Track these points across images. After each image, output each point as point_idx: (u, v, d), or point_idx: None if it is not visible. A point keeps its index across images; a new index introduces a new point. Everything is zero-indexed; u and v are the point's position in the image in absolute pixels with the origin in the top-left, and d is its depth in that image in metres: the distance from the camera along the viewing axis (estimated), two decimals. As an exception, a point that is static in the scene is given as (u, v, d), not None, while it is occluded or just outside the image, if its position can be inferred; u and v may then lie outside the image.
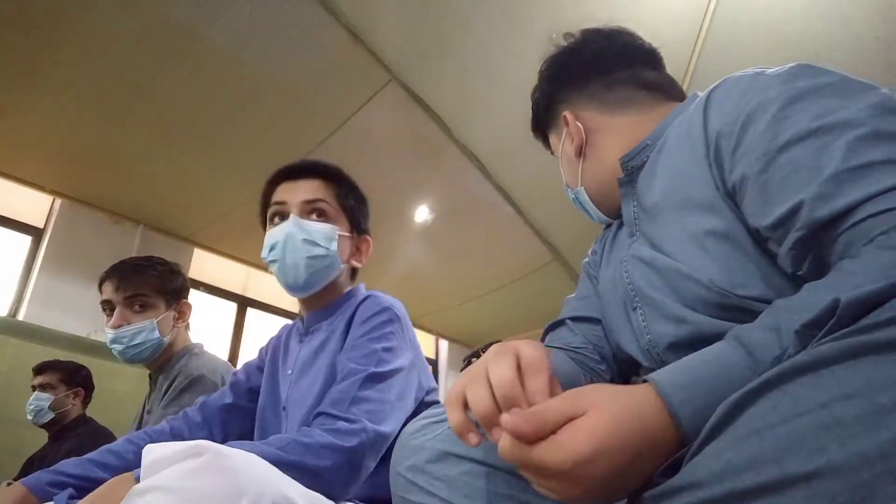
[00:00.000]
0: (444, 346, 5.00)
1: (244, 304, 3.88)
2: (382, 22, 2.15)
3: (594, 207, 0.77)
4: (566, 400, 0.38)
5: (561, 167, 0.81)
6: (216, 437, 1.02)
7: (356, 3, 2.07)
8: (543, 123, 0.83)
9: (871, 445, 0.25)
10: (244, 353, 3.76)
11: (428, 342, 4.95)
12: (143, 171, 2.84)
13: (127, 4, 2.00)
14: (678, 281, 0.56)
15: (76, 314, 2.83)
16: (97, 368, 2.36)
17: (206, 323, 3.55)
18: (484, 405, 0.41)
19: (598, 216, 0.78)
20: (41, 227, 3.05)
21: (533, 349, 0.43)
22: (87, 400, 2.27)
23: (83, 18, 2.04)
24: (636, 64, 0.74)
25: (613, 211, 0.75)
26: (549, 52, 0.80)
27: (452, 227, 3.39)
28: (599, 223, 0.81)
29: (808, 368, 0.29)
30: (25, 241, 3.00)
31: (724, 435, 0.32)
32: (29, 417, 2.12)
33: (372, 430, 0.79)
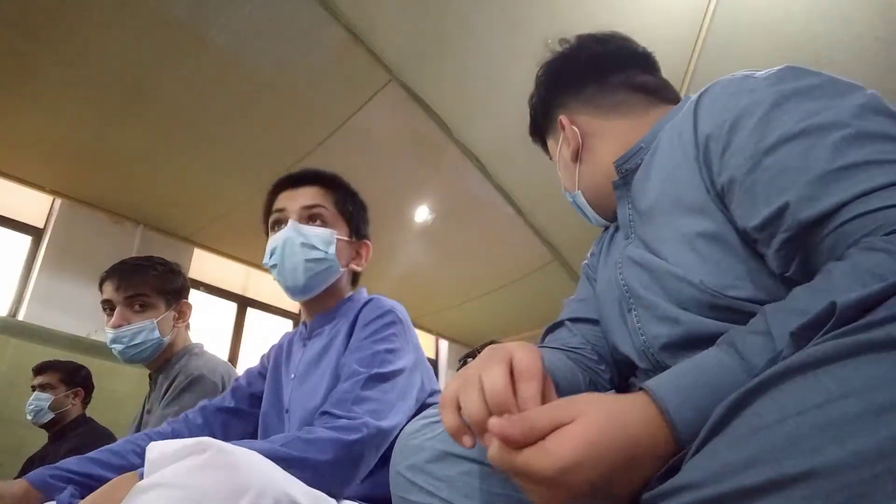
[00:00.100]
0: (444, 346, 5.00)
1: (244, 304, 3.89)
2: (382, 22, 2.15)
3: (591, 210, 0.78)
4: (556, 407, 0.38)
5: (559, 171, 0.82)
6: (217, 439, 1.02)
7: (356, 3, 2.07)
8: (541, 128, 0.84)
9: (868, 444, 0.25)
10: (244, 353, 3.77)
11: (428, 342, 4.95)
12: (143, 171, 2.84)
13: (127, 4, 2.00)
14: (670, 282, 0.57)
15: (76, 314, 2.83)
16: (97, 368, 2.36)
17: (206, 323, 3.55)
18: (476, 411, 0.41)
19: (595, 219, 0.79)
20: (41, 227, 3.05)
21: (526, 354, 0.43)
22: (87, 400, 2.28)
23: (83, 18, 2.04)
24: (631, 68, 0.75)
25: (610, 214, 0.76)
26: (544, 57, 0.81)
27: (452, 227, 3.39)
28: (597, 226, 0.81)
29: (805, 368, 0.29)
30: (25, 241, 3.00)
31: (722, 435, 0.32)
32: (29, 417, 2.12)
33: (374, 425, 0.80)
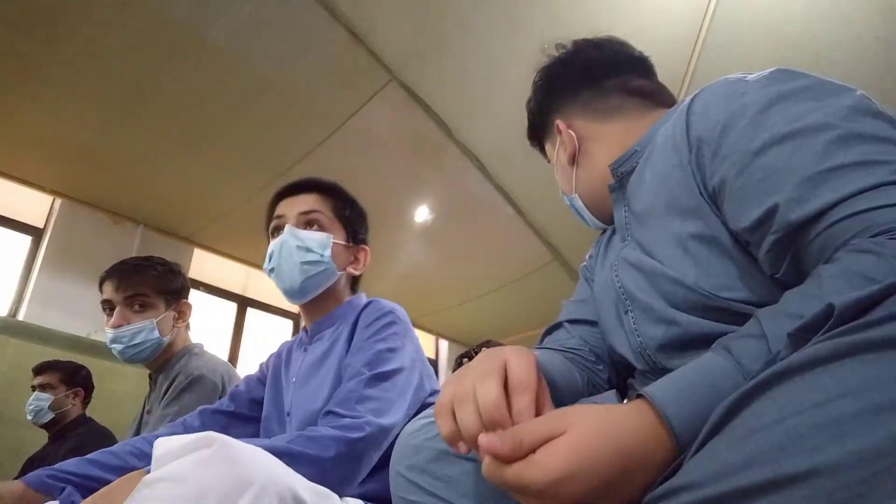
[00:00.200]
0: (444, 346, 5.00)
1: (244, 304, 3.89)
2: (382, 22, 2.15)
3: (589, 213, 0.78)
4: (547, 420, 0.39)
5: (556, 175, 0.82)
6: None
7: (356, 3, 2.07)
8: (539, 132, 0.84)
9: (867, 444, 0.25)
10: (244, 353, 3.77)
11: (428, 342, 4.95)
12: (143, 171, 2.84)
13: (127, 4, 2.00)
14: (665, 284, 0.57)
15: (76, 314, 2.83)
16: (97, 368, 2.36)
17: (206, 323, 3.55)
18: (471, 425, 0.42)
19: (593, 222, 0.79)
20: (41, 227, 3.05)
21: (521, 363, 0.44)
22: (87, 400, 2.28)
23: (83, 18, 2.04)
24: (626, 72, 0.75)
25: (607, 216, 0.76)
26: (541, 62, 0.81)
27: (452, 227, 3.39)
28: (595, 229, 0.82)
29: (803, 368, 0.29)
30: (25, 241, 3.00)
31: (721, 435, 0.32)
32: (29, 417, 2.12)
33: (376, 424, 0.82)
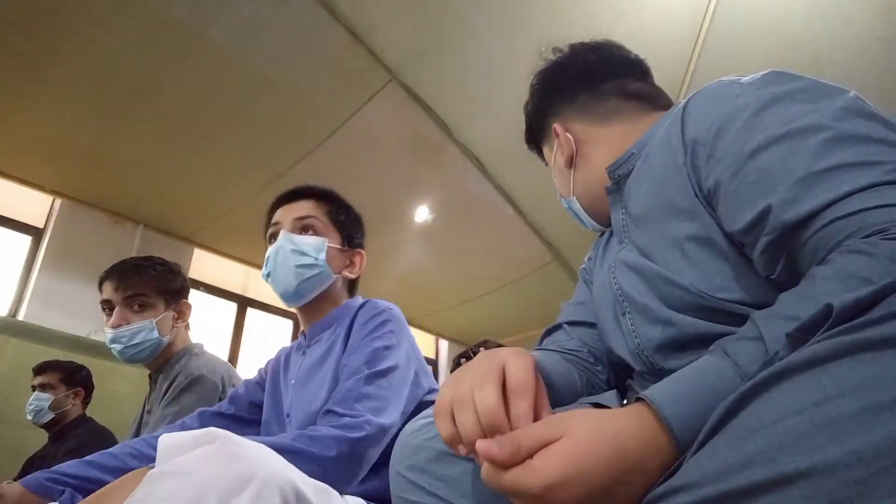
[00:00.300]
0: (444, 346, 5.00)
1: (244, 304, 3.89)
2: (382, 22, 2.15)
3: (586, 216, 0.79)
4: (545, 425, 0.39)
5: (554, 178, 0.83)
6: None
7: (356, 3, 2.07)
8: (536, 136, 0.85)
9: (866, 443, 0.25)
10: (244, 353, 3.77)
11: (428, 342, 4.95)
12: (143, 171, 2.84)
13: (127, 4, 2.00)
14: (662, 285, 0.58)
15: (76, 314, 2.83)
16: (97, 368, 2.36)
17: (206, 323, 3.55)
18: (471, 430, 0.42)
19: (591, 224, 0.80)
20: (41, 227, 3.05)
21: (519, 367, 0.44)
22: (87, 400, 2.28)
23: (83, 18, 2.04)
24: (623, 75, 0.76)
25: (605, 219, 0.76)
26: (538, 66, 0.82)
27: (452, 227, 3.40)
28: (593, 231, 0.82)
29: (802, 368, 0.29)
30: (25, 241, 3.00)
31: (720, 435, 0.32)
32: (29, 417, 2.12)
33: (375, 423, 0.83)
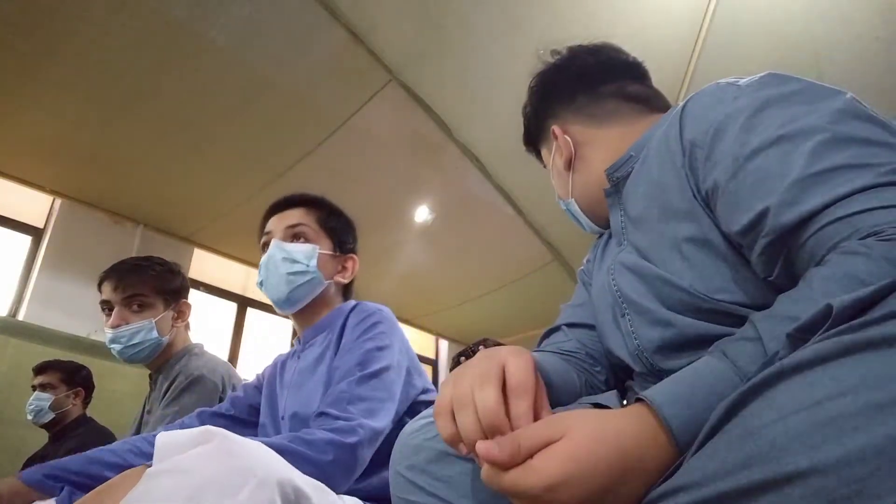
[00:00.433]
0: (444, 346, 5.00)
1: (244, 304, 3.89)
2: (382, 22, 2.15)
3: (585, 218, 0.79)
4: (545, 425, 0.39)
5: (552, 179, 0.83)
6: None
7: (356, 3, 2.07)
8: (534, 138, 0.85)
9: (866, 442, 0.25)
10: (244, 353, 3.77)
11: (428, 342, 4.95)
12: (143, 171, 2.84)
13: (127, 4, 2.00)
14: (661, 287, 0.58)
15: (76, 314, 2.83)
16: (97, 368, 2.36)
17: (206, 323, 3.55)
18: (472, 431, 0.42)
19: (589, 226, 0.80)
20: (41, 227, 3.05)
21: (519, 367, 0.44)
22: (87, 400, 2.28)
23: (83, 18, 2.04)
24: (621, 78, 0.76)
25: (603, 221, 0.77)
26: (536, 68, 0.82)
27: (452, 227, 3.40)
28: (591, 233, 0.82)
29: (802, 367, 0.29)
30: (25, 241, 3.00)
31: (720, 435, 0.32)
32: (29, 417, 2.12)
33: (369, 427, 0.84)
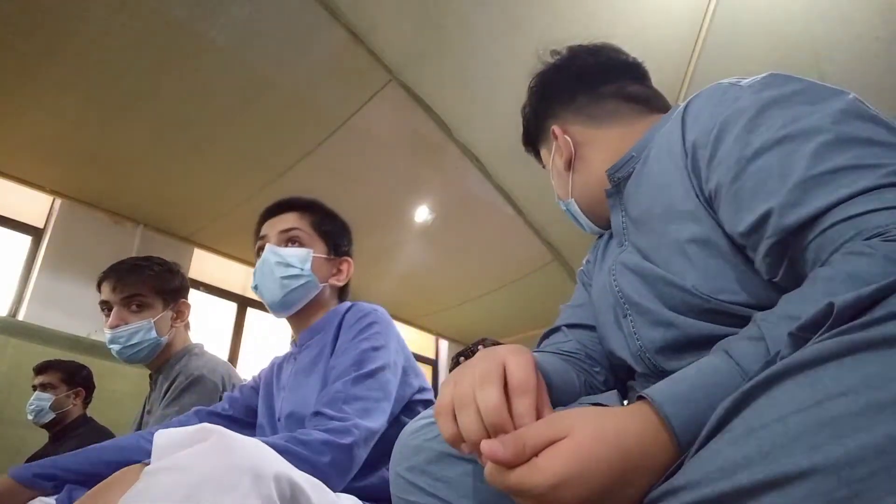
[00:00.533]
0: (444, 346, 5.00)
1: (244, 304, 3.89)
2: (382, 22, 2.15)
3: (585, 218, 0.79)
4: (549, 423, 0.39)
5: (552, 180, 0.83)
6: None
7: (356, 3, 2.07)
8: (534, 138, 0.85)
9: (866, 442, 0.25)
10: (244, 353, 3.77)
11: (428, 342, 4.95)
12: (143, 171, 2.84)
13: (127, 5, 2.00)
14: (663, 288, 0.58)
15: (76, 314, 2.83)
16: (97, 368, 2.36)
17: (206, 323, 3.55)
18: (474, 431, 0.42)
19: (589, 227, 0.80)
20: (41, 227, 3.05)
21: (520, 365, 0.44)
22: (87, 400, 2.28)
23: (83, 19, 2.04)
24: (621, 78, 0.76)
25: (604, 221, 0.76)
26: (536, 68, 0.82)
27: (452, 227, 3.40)
28: (591, 233, 0.82)
29: (803, 367, 0.29)
30: (25, 241, 3.00)
31: (721, 434, 0.32)
32: (30, 417, 2.12)
33: (364, 427, 0.84)
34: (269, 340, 3.96)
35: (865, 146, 0.45)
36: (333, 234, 1.15)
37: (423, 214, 3.31)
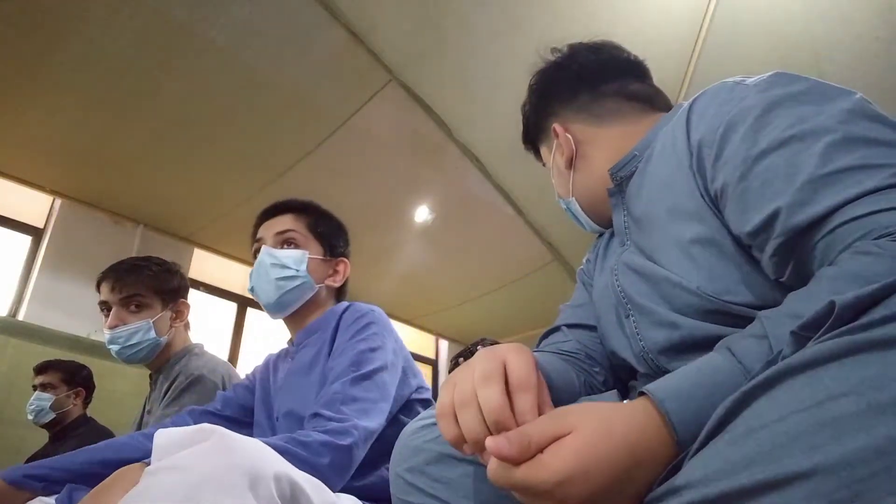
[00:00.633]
0: (444, 346, 5.00)
1: (244, 304, 3.89)
2: (382, 22, 2.15)
3: (586, 217, 0.78)
4: (552, 419, 0.39)
5: (552, 178, 0.82)
6: None
7: (356, 3, 2.07)
8: (534, 136, 0.84)
9: (867, 443, 0.25)
10: (244, 353, 3.76)
11: (428, 342, 4.95)
12: (143, 171, 2.84)
13: (127, 4, 2.00)
14: (667, 288, 0.57)
15: (76, 314, 2.83)
16: (97, 368, 2.36)
17: (206, 323, 3.55)
18: (476, 431, 0.42)
19: (590, 226, 0.80)
20: (41, 227, 3.05)
21: (520, 362, 0.44)
22: (87, 400, 2.28)
23: (83, 18, 2.04)
24: (623, 76, 0.76)
25: (605, 220, 0.76)
26: (536, 66, 0.81)
27: (452, 227, 3.40)
28: (591, 232, 0.82)
29: (804, 367, 0.29)
30: (25, 241, 3.00)
31: (722, 434, 0.32)
32: (30, 417, 2.12)
33: (363, 427, 0.85)
34: (269, 340, 3.96)
35: (873, 146, 0.44)
36: (329, 235, 1.15)
37: (423, 214, 3.31)
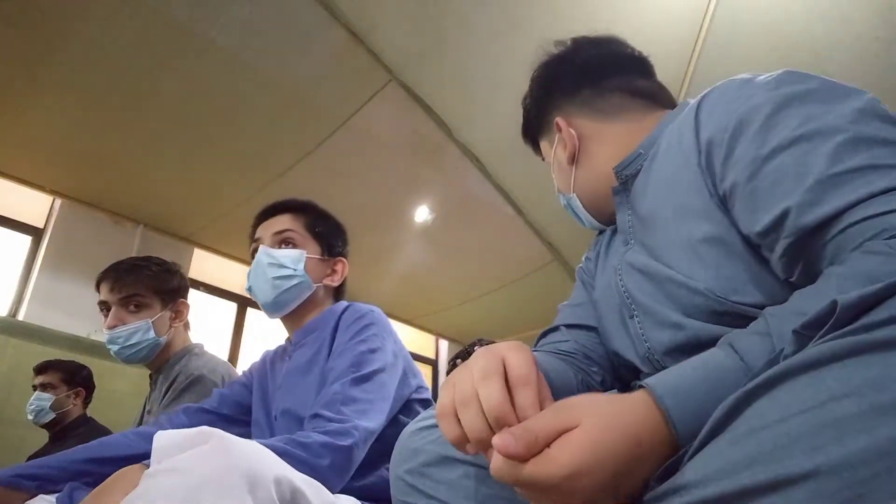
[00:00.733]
0: (444, 346, 5.00)
1: (244, 304, 3.88)
2: (382, 22, 2.15)
3: (586, 214, 0.77)
4: (556, 413, 0.38)
5: (552, 173, 0.81)
6: None
7: (356, 3, 2.07)
8: (534, 130, 0.83)
9: (868, 444, 0.25)
10: (244, 353, 3.76)
11: (428, 342, 4.95)
12: (143, 171, 2.84)
13: (127, 4, 2.00)
14: (673, 289, 0.57)
15: (76, 314, 2.83)
16: (97, 368, 2.36)
17: (206, 323, 3.55)
18: (478, 429, 0.42)
19: (590, 223, 0.78)
20: (41, 227, 3.05)
21: (519, 359, 0.43)
22: (87, 400, 2.28)
23: (83, 19, 2.04)
24: (627, 72, 0.75)
25: (606, 218, 0.75)
26: (539, 59, 0.80)
27: (452, 227, 3.39)
28: (591, 230, 0.81)
29: (806, 367, 0.29)
30: (25, 241, 3.00)
31: (723, 434, 0.32)
32: (30, 417, 2.12)
33: (363, 428, 0.85)
34: (268, 340, 3.96)
35: (883, 146, 0.44)
36: (327, 234, 1.16)
37: (423, 214, 3.30)
